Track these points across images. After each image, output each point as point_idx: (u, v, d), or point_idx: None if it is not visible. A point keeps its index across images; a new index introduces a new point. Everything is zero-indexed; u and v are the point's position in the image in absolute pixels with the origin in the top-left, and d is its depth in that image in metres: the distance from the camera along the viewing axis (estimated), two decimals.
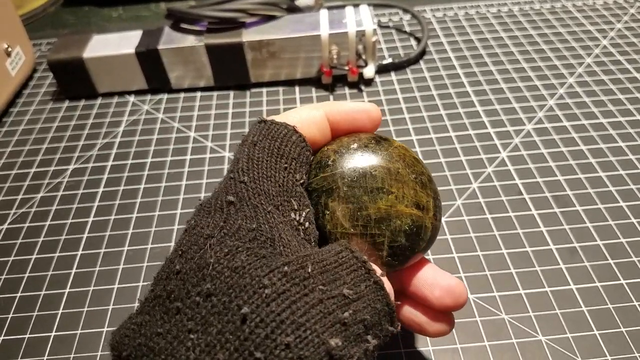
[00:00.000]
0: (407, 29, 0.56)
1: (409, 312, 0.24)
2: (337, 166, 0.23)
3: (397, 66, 0.50)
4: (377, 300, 0.19)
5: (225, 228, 0.19)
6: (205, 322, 0.17)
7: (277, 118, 0.24)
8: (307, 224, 0.22)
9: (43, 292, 0.33)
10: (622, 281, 0.31)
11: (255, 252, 0.19)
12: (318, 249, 0.20)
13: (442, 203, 0.36)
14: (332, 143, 0.24)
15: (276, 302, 0.17)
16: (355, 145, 0.24)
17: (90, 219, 0.37)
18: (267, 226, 0.20)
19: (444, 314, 0.24)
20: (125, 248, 0.35)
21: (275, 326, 0.16)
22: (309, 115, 0.24)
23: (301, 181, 0.23)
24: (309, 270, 0.18)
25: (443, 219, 0.35)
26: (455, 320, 0.29)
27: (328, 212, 0.22)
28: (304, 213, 0.22)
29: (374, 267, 0.20)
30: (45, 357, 0.29)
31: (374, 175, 0.23)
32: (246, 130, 0.44)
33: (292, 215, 0.21)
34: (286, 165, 0.22)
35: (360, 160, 0.23)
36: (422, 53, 0.51)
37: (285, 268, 0.18)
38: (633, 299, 0.30)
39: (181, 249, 0.20)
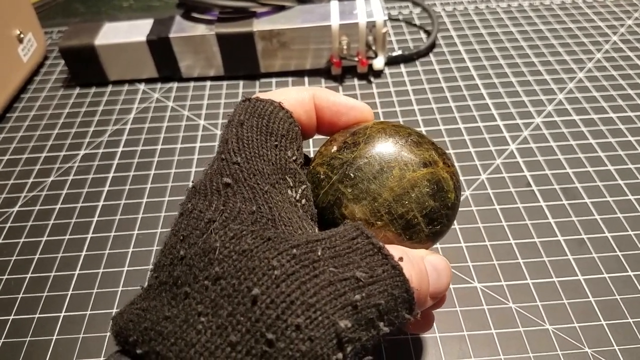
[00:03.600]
0: (417, 22, 0.56)
1: None
2: (330, 176, 0.22)
3: (407, 58, 0.50)
4: (395, 286, 0.19)
5: (226, 212, 0.19)
6: (215, 304, 0.17)
7: (263, 96, 0.23)
8: (303, 201, 0.21)
9: (53, 274, 0.33)
10: (630, 273, 0.31)
11: (261, 235, 0.18)
12: (329, 232, 0.20)
13: None
14: (314, 159, 0.24)
15: (286, 283, 0.17)
16: (334, 149, 0.23)
17: (101, 203, 0.38)
18: (267, 207, 0.20)
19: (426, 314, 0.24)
20: (135, 232, 0.35)
21: (285, 307, 0.16)
22: (296, 96, 0.23)
23: (293, 158, 0.22)
24: (319, 253, 0.18)
25: None
26: (463, 309, 0.29)
27: (349, 221, 0.21)
28: (300, 190, 0.21)
29: (395, 251, 0.19)
30: (55, 337, 0.30)
31: (368, 163, 0.22)
32: None
33: (289, 192, 0.21)
34: (276, 143, 0.22)
35: (347, 158, 0.22)
36: (432, 46, 0.51)
37: (294, 250, 0.18)
38: None
39: (182, 234, 0.19)
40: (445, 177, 0.22)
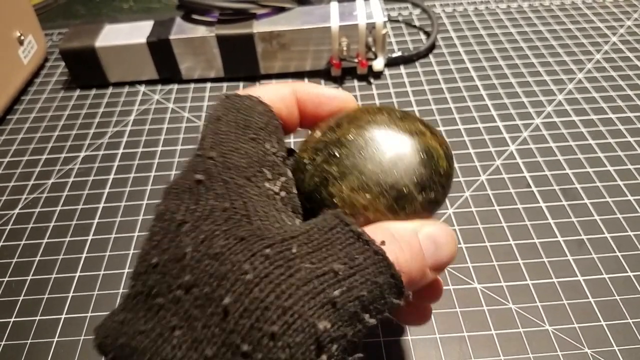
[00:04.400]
0: (417, 23, 0.56)
1: None
2: (314, 159, 0.21)
3: (407, 60, 0.50)
4: (379, 272, 0.17)
5: (198, 211, 0.18)
6: (189, 316, 0.16)
7: (242, 92, 0.22)
8: (283, 193, 0.20)
9: (54, 276, 0.33)
10: (630, 273, 0.31)
11: (234, 235, 0.17)
12: (307, 225, 0.18)
13: (450, 194, 0.36)
14: (299, 150, 0.23)
15: (259, 288, 0.16)
16: (318, 134, 0.22)
17: (101, 205, 0.38)
18: (241, 201, 0.18)
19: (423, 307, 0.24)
20: (136, 234, 0.35)
21: (259, 314, 0.15)
22: (276, 91, 0.23)
23: (272, 150, 0.21)
24: (294, 250, 0.17)
25: (451, 210, 0.35)
26: (463, 310, 0.29)
27: (337, 198, 0.20)
28: (279, 182, 0.20)
29: (379, 234, 0.18)
30: (56, 339, 0.30)
31: (352, 140, 0.21)
32: None
33: (267, 185, 0.20)
34: (254, 135, 0.21)
35: (330, 138, 0.21)
36: (432, 47, 0.51)
37: (267, 250, 0.17)
38: None
39: (155, 238, 0.18)
40: (434, 145, 0.21)
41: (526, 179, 0.37)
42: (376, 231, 0.18)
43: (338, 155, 0.20)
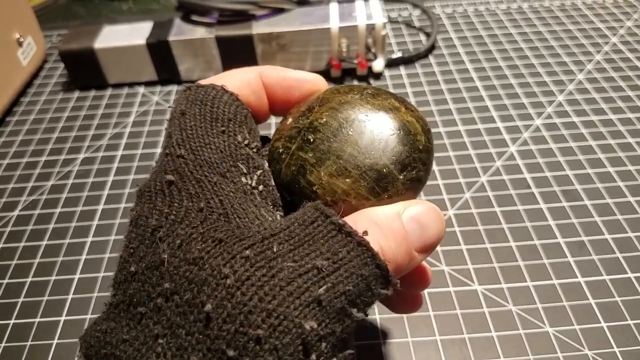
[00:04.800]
0: (417, 24, 0.56)
1: None
2: (289, 147, 0.20)
3: (406, 60, 0.50)
4: (364, 264, 0.17)
5: (172, 214, 0.17)
6: (171, 324, 0.16)
7: (204, 81, 0.21)
8: (261, 187, 0.20)
9: (53, 278, 0.33)
10: (630, 275, 0.31)
11: (212, 237, 0.17)
12: (287, 222, 0.18)
13: (451, 196, 0.36)
14: (272, 139, 0.22)
15: (241, 291, 0.15)
16: (290, 120, 0.21)
17: (101, 207, 0.38)
18: (217, 200, 0.18)
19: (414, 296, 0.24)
20: None
21: (243, 319, 0.15)
22: (241, 77, 0.22)
23: (245, 142, 0.20)
24: (275, 249, 0.16)
25: (451, 211, 0.35)
26: (464, 311, 0.29)
27: (316, 186, 0.19)
28: (255, 176, 0.20)
29: (361, 222, 0.18)
30: (56, 341, 0.30)
31: (325, 123, 0.20)
32: None
33: (243, 179, 0.19)
34: (223, 128, 0.20)
35: (303, 124, 0.20)
36: (432, 48, 0.51)
37: (247, 252, 0.16)
38: None
39: (131, 245, 0.18)
40: (410, 120, 0.20)
41: (526, 180, 0.37)
42: (358, 220, 0.18)
43: (312, 140, 0.20)
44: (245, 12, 0.47)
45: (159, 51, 0.47)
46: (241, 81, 0.21)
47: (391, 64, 0.49)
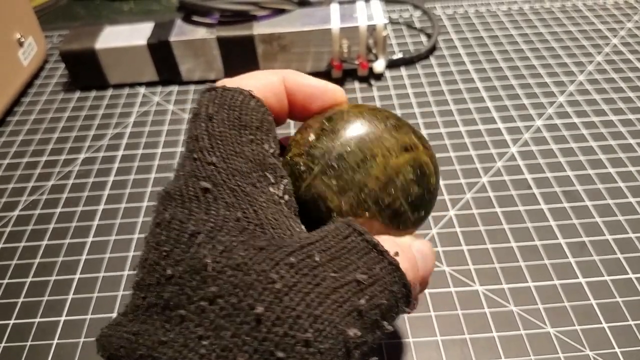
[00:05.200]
0: (418, 25, 0.56)
1: None
2: (311, 167, 0.21)
3: (407, 61, 0.50)
4: (394, 282, 0.18)
5: (210, 221, 0.18)
6: (216, 326, 0.16)
7: (229, 83, 0.21)
8: (286, 197, 0.20)
9: (53, 278, 0.33)
10: (631, 275, 0.31)
11: (252, 245, 0.17)
12: (321, 233, 0.19)
13: (452, 196, 0.36)
14: (290, 149, 0.22)
15: (289, 297, 0.16)
16: (312, 137, 0.21)
17: (101, 207, 0.38)
18: (252, 210, 0.18)
19: None
20: (136, 236, 0.35)
21: (292, 322, 0.16)
22: (266, 81, 0.22)
23: (271, 151, 0.20)
24: (317, 258, 0.17)
25: (452, 212, 0.35)
26: (465, 312, 0.29)
27: (335, 213, 0.20)
28: (282, 186, 0.20)
29: (389, 245, 0.19)
30: (55, 341, 0.30)
31: (349, 151, 0.21)
32: None
33: (272, 190, 0.20)
34: (252, 137, 0.20)
35: (327, 147, 0.21)
36: (432, 49, 0.51)
37: (291, 259, 0.17)
38: None
39: (164, 248, 0.18)
40: (427, 160, 0.22)
41: (527, 181, 0.37)
42: (385, 242, 0.19)
43: (337, 167, 0.20)
44: (246, 13, 0.47)
45: (160, 52, 0.47)
46: (265, 85, 0.21)
47: (392, 64, 0.49)
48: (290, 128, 0.43)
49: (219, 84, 0.21)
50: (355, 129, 0.21)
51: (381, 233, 0.21)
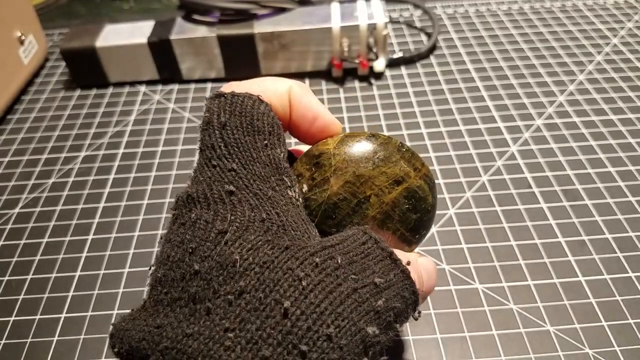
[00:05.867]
0: (418, 24, 0.56)
1: None
2: (312, 218, 0.22)
3: (408, 60, 0.50)
4: (405, 288, 0.20)
5: (237, 222, 0.18)
6: (242, 320, 0.16)
7: (237, 88, 0.22)
8: (301, 199, 0.21)
9: (54, 275, 0.33)
10: (631, 274, 0.31)
11: (278, 245, 0.18)
12: (340, 237, 0.20)
13: (452, 195, 0.36)
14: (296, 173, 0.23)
15: (314, 294, 0.17)
16: (305, 188, 0.22)
17: (101, 205, 0.38)
18: (274, 213, 0.19)
19: None
20: (136, 233, 0.35)
21: (316, 317, 0.17)
22: (274, 88, 0.22)
23: (282, 155, 0.21)
24: (339, 260, 0.18)
25: (452, 210, 0.35)
26: (465, 310, 0.29)
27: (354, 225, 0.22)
28: (297, 189, 0.21)
29: (400, 256, 0.20)
30: (56, 338, 0.30)
31: (343, 199, 0.21)
32: None
33: (289, 193, 0.20)
34: (266, 142, 0.21)
35: (321, 198, 0.22)
36: (433, 48, 0.51)
37: (316, 259, 0.18)
38: None
39: (189, 246, 0.18)
40: (420, 184, 0.22)
41: (527, 180, 0.37)
42: (398, 254, 0.20)
43: (334, 217, 0.22)
44: (247, 12, 0.47)
45: (161, 50, 0.47)
46: (272, 92, 0.22)
47: (392, 63, 0.49)
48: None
49: (227, 89, 0.22)
50: (345, 174, 0.22)
51: None
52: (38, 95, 0.50)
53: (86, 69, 0.49)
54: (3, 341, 0.30)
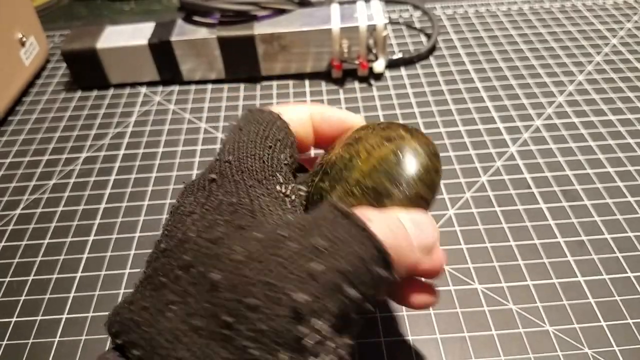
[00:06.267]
0: (418, 25, 0.56)
1: None
2: (314, 180, 0.24)
3: (407, 61, 0.50)
4: (362, 245, 0.18)
5: (207, 205, 0.20)
6: (184, 292, 0.17)
7: (264, 108, 0.25)
8: (293, 196, 0.22)
9: (55, 276, 0.33)
10: (630, 274, 0.31)
11: (234, 224, 0.19)
12: (303, 214, 0.21)
13: (451, 195, 0.36)
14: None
15: (248, 267, 0.17)
16: (318, 161, 0.25)
17: (102, 206, 0.38)
18: (248, 199, 0.20)
19: (427, 286, 0.23)
20: (137, 234, 0.35)
21: (244, 289, 0.16)
22: (295, 113, 0.25)
23: (285, 162, 0.23)
24: (284, 233, 0.18)
25: (451, 211, 0.35)
26: (464, 310, 0.29)
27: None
28: (290, 187, 0.22)
29: (367, 213, 0.19)
30: (57, 339, 0.30)
31: (340, 156, 0.23)
32: None
33: (278, 187, 0.21)
34: (271, 144, 0.22)
35: (325, 160, 0.24)
36: (432, 49, 0.51)
37: (259, 235, 0.18)
38: None
39: (167, 229, 0.20)
40: (414, 145, 0.23)
41: (527, 180, 0.37)
42: (366, 212, 0.19)
43: (330, 172, 0.23)
44: (247, 13, 0.47)
45: (161, 51, 0.48)
46: (295, 115, 0.25)
47: (392, 64, 0.50)
48: None
49: (257, 108, 0.25)
50: (347, 139, 0.24)
51: None
52: (39, 96, 0.50)
53: (87, 71, 0.49)
54: (4, 342, 0.30)
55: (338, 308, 0.17)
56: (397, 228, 0.20)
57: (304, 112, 0.25)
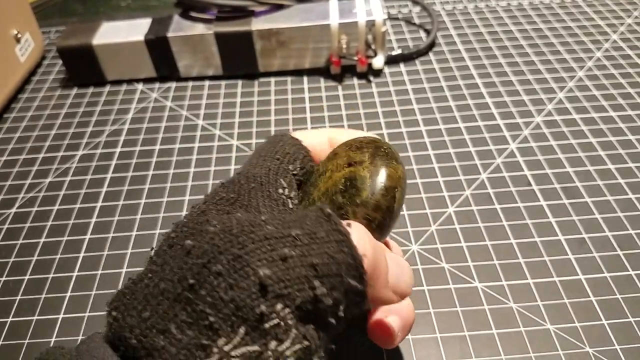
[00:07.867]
0: (417, 21, 0.56)
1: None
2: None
3: (406, 57, 0.49)
4: (339, 250, 0.18)
5: (209, 200, 0.22)
6: (164, 262, 0.19)
7: (288, 133, 0.27)
8: (296, 201, 0.24)
9: (51, 275, 0.33)
10: (631, 272, 0.31)
11: (224, 210, 0.21)
12: (293, 213, 0.22)
13: (451, 193, 0.36)
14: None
15: (219, 237, 0.18)
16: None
17: (99, 204, 0.37)
18: (247, 197, 0.22)
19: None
20: (134, 233, 0.35)
21: (212, 257, 0.17)
22: (313, 134, 0.27)
23: (294, 172, 0.25)
24: (263, 218, 0.19)
25: (451, 209, 0.35)
26: (464, 309, 0.29)
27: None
28: (293, 192, 0.24)
29: (347, 223, 0.19)
30: (54, 339, 0.30)
31: (317, 171, 0.25)
32: (254, 119, 0.44)
33: (280, 190, 0.23)
34: (279, 156, 0.25)
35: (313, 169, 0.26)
36: (432, 45, 0.51)
37: (240, 215, 0.19)
38: None
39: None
40: (363, 175, 0.22)
41: (527, 178, 0.37)
42: (351, 225, 0.20)
43: (309, 180, 0.25)
44: (244, 9, 0.47)
45: (158, 47, 0.47)
46: (312, 136, 0.27)
47: (391, 60, 0.49)
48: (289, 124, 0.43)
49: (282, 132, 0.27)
50: (331, 152, 0.25)
51: None
52: (35, 93, 0.50)
53: (83, 67, 0.49)
54: (0, 342, 0.30)
55: (303, 300, 0.17)
56: (377, 254, 0.20)
57: (322, 135, 0.27)
